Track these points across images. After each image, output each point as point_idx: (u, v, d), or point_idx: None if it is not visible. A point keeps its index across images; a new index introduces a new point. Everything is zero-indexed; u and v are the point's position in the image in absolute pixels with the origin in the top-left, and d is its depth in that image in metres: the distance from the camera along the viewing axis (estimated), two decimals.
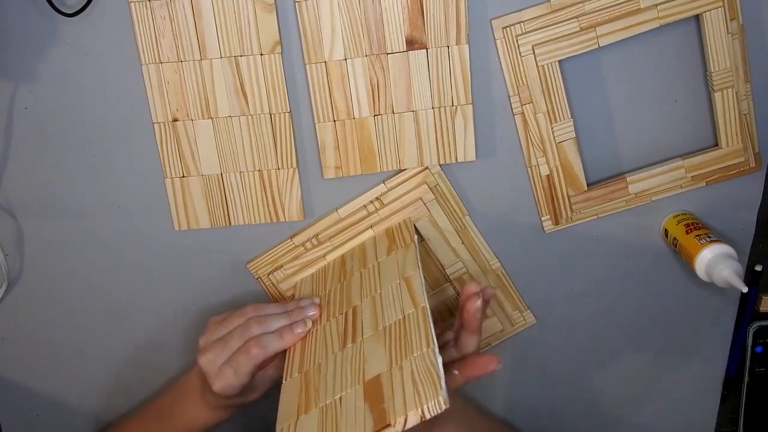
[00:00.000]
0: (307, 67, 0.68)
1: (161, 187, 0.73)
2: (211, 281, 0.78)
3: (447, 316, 0.79)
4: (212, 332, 0.68)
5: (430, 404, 0.50)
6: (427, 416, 0.50)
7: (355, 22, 0.67)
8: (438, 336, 0.58)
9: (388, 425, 0.50)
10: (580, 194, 0.74)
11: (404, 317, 0.60)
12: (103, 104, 0.71)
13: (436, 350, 0.54)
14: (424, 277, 0.75)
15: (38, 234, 0.76)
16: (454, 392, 0.64)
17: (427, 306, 0.59)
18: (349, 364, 0.58)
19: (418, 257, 0.66)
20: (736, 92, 0.70)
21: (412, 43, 0.68)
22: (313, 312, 0.67)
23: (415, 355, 0.55)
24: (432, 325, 0.57)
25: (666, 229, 0.75)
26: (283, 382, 0.62)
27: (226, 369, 0.65)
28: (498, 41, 0.69)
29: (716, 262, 0.69)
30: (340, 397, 0.56)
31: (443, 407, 0.50)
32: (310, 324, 0.66)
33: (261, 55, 0.68)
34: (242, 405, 0.70)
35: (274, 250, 0.76)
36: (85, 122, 0.72)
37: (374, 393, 0.54)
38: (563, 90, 0.70)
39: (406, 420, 0.50)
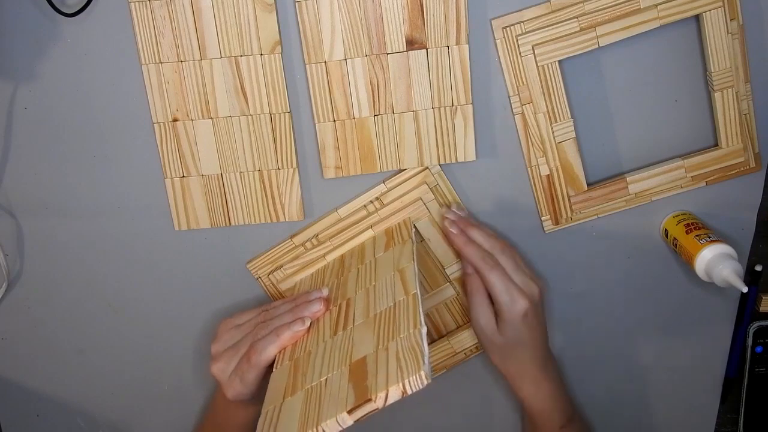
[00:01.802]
0: (307, 67, 0.68)
1: (161, 187, 0.73)
2: (211, 281, 0.78)
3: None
4: (224, 339, 0.68)
5: (411, 379, 0.50)
6: (409, 391, 0.50)
7: (355, 22, 0.67)
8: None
9: (369, 400, 0.50)
10: (580, 194, 0.74)
11: (395, 304, 0.60)
12: (103, 104, 0.71)
13: (423, 330, 0.54)
14: (424, 277, 0.76)
15: (38, 234, 0.76)
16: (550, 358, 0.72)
17: (419, 293, 0.59)
18: (338, 350, 0.59)
19: (414, 251, 0.66)
20: (736, 92, 0.70)
21: (412, 43, 0.68)
22: (317, 308, 0.66)
23: (401, 336, 0.55)
24: (421, 308, 0.57)
25: (666, 229, 0.76)
26: (274, 370, 0.62)
27: (233, 378, 0.66)
28: (498, 41, 0.69)
29: (716, 262, 0.69)
30: (326, 379, 0.56)
31: (425, 382, 0.50)
32: (308, 323, 0.65)
33: (261, 55, 0.68)
34: None
35: (274, 250, 0.76)
36: (85, 122, 0.72)
37: (359, 373, 0.54)
38: (563, 90, 0.70)
39: (387, 395, 0.50)
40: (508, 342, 0.69)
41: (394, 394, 0.50)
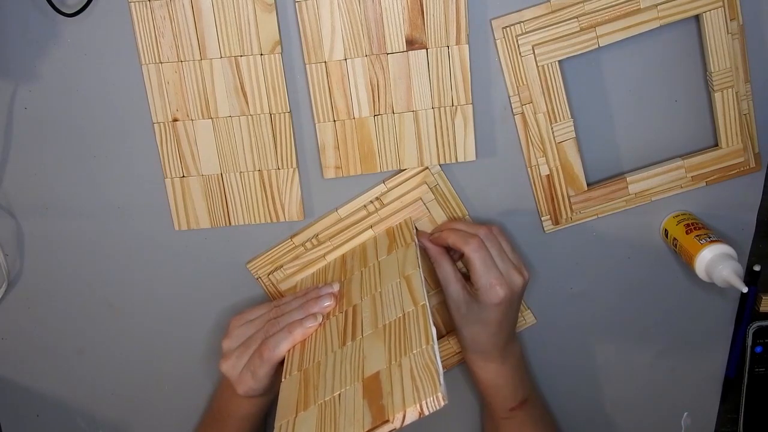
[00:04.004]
0: (307, 67, 0.68)
1: (161, 187, 0.73)
2: (211, 281, 0.78)
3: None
4: (235, 335, 0.69)
5: (428, 400, 0.50)
6: (426, 412, 0.50)
7: (355, 22, 0.67)
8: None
9: (387, 421, 0.50)
10: (580, 194, 0.74)
11: (404, 315, 0.60)
12: (103, 104, 0.71)
13: (436, 347, 0.54)
14: (424, 277, 0.75)
15: (38, 234, 0.76)
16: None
17: (428, 304, 0.59)
18: (349, 362, 0.58)
19: (419, 256, 0.66)
20: (736, 92, 0.70)
21: (412, 43, 0.68)
22: (328, 303, 0.67)
23: (414, 351, 0.55)
24: (432, 322, 0.57)
25: (666, 229, 0.76)
26: (282, 380, 0.62)
27: (245, 374, 0.66)
28: (498, 41, 0.69)
29: (716, 262, 0.69)
30: (339, 394, 0.56)
31: (442, 403, 0.50)
32: (320, 318, 0.66)
33: (261, 55, 0.68)
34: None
35: (274, 250, 0.76)
36: (85, 122, 0.72)
37: (373, 389, 0.54)
38: (563, 90, 0.70)
39: (404, 416, 0.50)
40: (470, 316, 0.68)
41: (412, 415, 0.50)
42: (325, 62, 0.68)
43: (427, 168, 0.73)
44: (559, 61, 0.69)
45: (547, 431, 0.77)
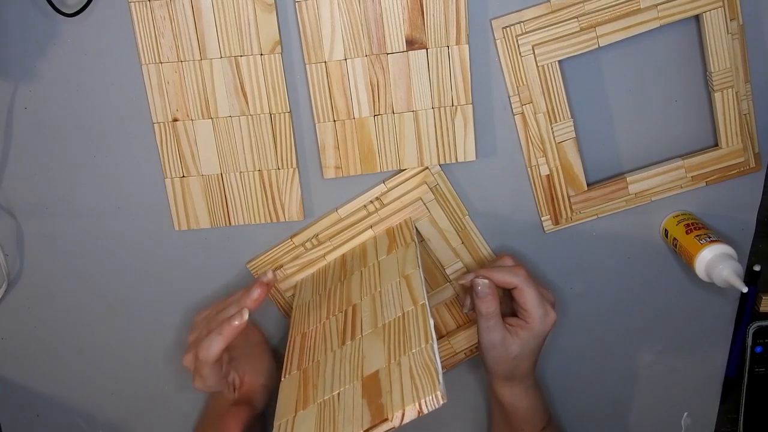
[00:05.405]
0: (307, 67, 0.68)
1: (161, 187, 0.73)
2: (211, 281, 0.78)
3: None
4: (195, 330, 0.69)
5: (427, 398, 0.50)
6: (425, 411, 0.50)
7: (355, 22, 0.67)
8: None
9: (386, 420, 0.51)
10: (580, 194, 0.74)
11: (403, 314, 0.60)
12: (103, 104, 0.71)
13: (435, 346, 0.54)
14: (424, 277, 0.75)
15: (38, 234, 0.76)
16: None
17: (427, 303, 0.59)
18: (348, 361, 0.59)
19: (419, 256, 0.66)
20: (736, 92, 0.70)
21: (412, 43, 0.68)
22: (256, 295, 0.66)
23: (413, 351, 0.55)
24: (431, 321, 0.57)
25: (666, 229, 0.76)
26: (282, 379, 0.62)
27: (194, 371, 0.67)
28: (498, 41, 0.69)
29: (716, 262, 0.69)
30: (339, 393, 0.56)
31: (441, 402, 0.50)
32: (247, 315, 0.64)
33: (261, 55, 0.68)
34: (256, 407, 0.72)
35: (274, 250, 0.76)
36: (85, 122, 0.72)
37: (372, 388, 0.54)
38: (563, 90, 0.70)
39: (403, 414, 0.50)
40: (522, 353, 0.69)
41: (411, 414, 0.50)
42: (325, 62, 0.68)
43: (427, 168, 0.73)
44: (559, 61, 0.69)
45: None
